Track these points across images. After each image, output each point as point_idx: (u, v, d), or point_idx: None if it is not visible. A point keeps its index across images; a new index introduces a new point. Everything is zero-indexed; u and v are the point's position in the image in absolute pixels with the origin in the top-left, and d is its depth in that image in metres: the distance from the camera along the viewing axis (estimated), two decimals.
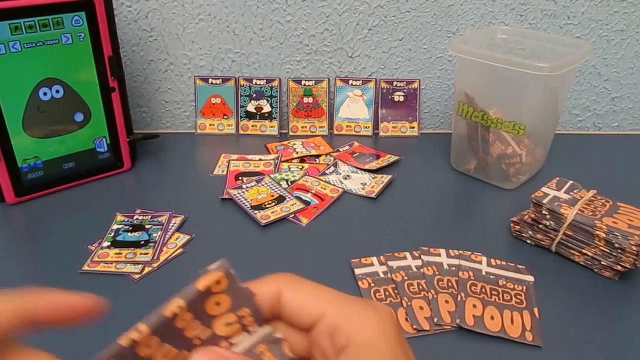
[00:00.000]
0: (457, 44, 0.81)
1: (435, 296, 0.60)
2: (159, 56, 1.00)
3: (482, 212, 0.78)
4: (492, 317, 0.58)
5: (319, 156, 0.93)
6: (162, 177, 0.87)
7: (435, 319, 0.57)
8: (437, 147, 0.95)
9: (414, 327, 0.56)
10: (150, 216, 0.75)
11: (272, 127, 1.02)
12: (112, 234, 0.72)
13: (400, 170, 0.89)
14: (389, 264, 0.65)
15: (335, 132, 1.03)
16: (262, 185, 0.83)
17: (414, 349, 0.55)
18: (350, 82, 1.03)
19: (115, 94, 0.83)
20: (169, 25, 0.98)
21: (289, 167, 0.89)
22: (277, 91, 1.02)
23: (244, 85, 1.02)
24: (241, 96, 1.02)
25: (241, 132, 1.02)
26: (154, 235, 0.71)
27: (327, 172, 0.88)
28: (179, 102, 1.05)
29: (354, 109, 1.03)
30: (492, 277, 0.63)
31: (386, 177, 0.86)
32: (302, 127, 1.03)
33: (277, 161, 0.90)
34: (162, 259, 0.67)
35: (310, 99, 1.02)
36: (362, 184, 0.85)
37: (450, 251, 0.67)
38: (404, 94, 1.03)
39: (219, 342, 0.28)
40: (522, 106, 0.79)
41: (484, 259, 0.66)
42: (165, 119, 1.07)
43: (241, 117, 1.02)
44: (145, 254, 0.68)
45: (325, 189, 0.83)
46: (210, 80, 1.02)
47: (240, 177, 0.86)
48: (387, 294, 0.61)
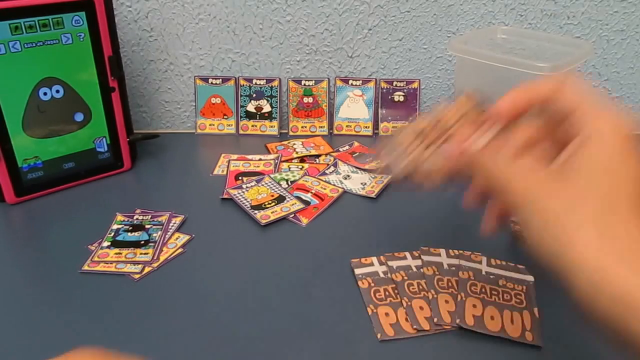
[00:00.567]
0: (456, 44, 0.81)
1: (435, 296, 0.60)
2: (159, 56, 1.00)
3: (482, 212, 0.78)
4: (492, 317, 0.58)
5: (319, 156, 0.93)
6: (162, 177, 0.87)
7: (435, 319, 0.57)
8: None
9: (414, 327, 0.56)
10: (150, 216, 0.75)
11: (272, 127, 1.02)
12: (112, 234, 0.72)
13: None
14: (389, 264, 0.65)
15: (335, 132, 1.03)
16: (262, 185, 0.83)
17: (414, 349, 0.55)
18: (350, 82, 1.03)
19: (115, 94, 0.84)
20: (169, 25, 0.98)
21: (289, 167, 0.89)
22: (277, 91, 1.02)
23: (244, 85, 1.02)
24: (241, 96, 1.02)
25: (241, 132, 1.02)
26: (154, 235, 0.71)
27: (327, 172, 0.88)
28: (179, 102, 1.05)
29: (354, 109, 1.03)
30: (492, 277, 0.63)
31: (386, 177, 0.86)
32: (302, 127, 1.03)
33: (277, 161, 0.90)
34: (162, 259, 0.67)
35: (310, 99, 1.02)
36: (362, 184, 0.85)
37: (450, 251, 0.67)
38: (404, 94, 1.03)
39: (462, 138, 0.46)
40: None
41: (484, 259, 0.66)
42: (165, 119, 1.07)
43: (241, 117, 1.02)
44: (145, 254, 0.68)
45: (325, 189, 0.83)
46: (210, 80, 1.02)
47: (240, 177, 0.86)
48: (387, 294, 0.61)
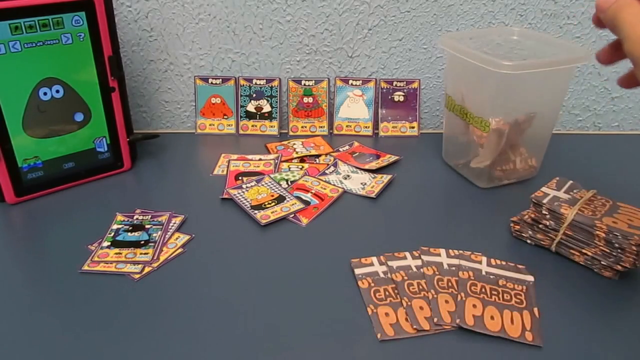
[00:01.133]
0: (445, 39, 0.83)
1: (435, 296, 0.60)
2: (159, 56, 1.00)
3: (482, 212, 0.78)
4: (492, 317, 0.58)
5: (319, 156, 0.93)
6: (162, 177, 0.87)
7: (435, 319, 0.57)
8: (437, 147, 0.95)
9: (414, 327, 0.56)
10: (150, 216, 0.75)
11: (272, 127, 1.02)
12: (112, 234, 0.72)
13: (400, 170, 0.89)
14: (389, 264, 0.65)
15: (335, 132, 1.03)
16: (262, 185, 0.83)
17: (414, 349, 0.56)
18: (350, 82, 1.03)
19: (115, 94, 0.84)
20: (169, 25, 0.98)
21: (289, 167, 0.89)
22: (277, 91, 1.02)
23: (244, 85, 1.02)
24: (241, 96, 1.02)
25: (241, 132, 1.02)
26: (154, 235, 0.71)
27: (327, 172, 0.88)
28: (179, 102, 1.05)
29: (354, 109, 1.03)
30: (492, 277, 0.63)
31: (386, 177, 0.86)
32: (302, 127, 1.03)
33: (277, 161, 0.90)
34: (162, 259, 0.67)
35: (310, 99, 1.02)
36: (362, 184, 0.85)
37: (450, 251, 0.68)
38: (404, 94, 1.03)
39: None
40: (486, 102, 0.79)
41: (484, 259, 0.66)
42: (165, 119, 1.07)
43: (241, 117, 1.02)
44: (145, 254, 0.68)
45: (325, 189, 0.83)
46: (210, 80, 1.02)
47: (240, 177, 0.86)
48: (387, 294, 0.61)
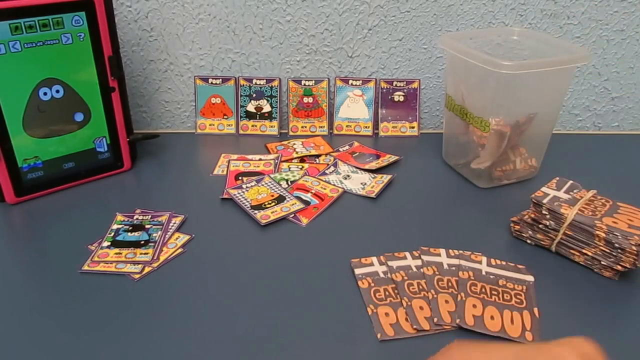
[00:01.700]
0: (445, 39, 0.83)
1: (435, 296, 0.60)
2: (159, 56, 1.00)
3: (482, 212, 0.78)
4: (492, 317, 0.58)
5: (319, 156, 0.93)
6: (162, 177, 0.87)
7: (435, 319, 0.57)
8: (437, 147, 0.95)
9: (414, 327, 0.56)
10: (150, 216, 0.75)
11: (272, 127, 1.02)
12: (112, 234, 0.72)
13: (400, 170, 0.89)
14: (389, 264, 0.65)
15: (335, 132, 1.03)
16: (262, 185, 0.83)
17: (414, 349, 0.55)
18: (350, 82, 1.03)
19: (115, 94, 0.84)
20: (169, 25, 0.98)
21: (289, 167, 0.89)
22: (277, 91, 1.02)
23: (244, 85, 1.02)
24: (241, 96, 1.02)
25: (241, 132, 1.02)
26: (154, 235, 0.71)
27: (327, 172, 0.88)
28: (179, 102, 1.05)
29: (354, 109, 1.03)
30: (492, 277, 0.63)
31: (386, 177, 0.86)
32: (302, 127, 1.03)
33: (277, 161, 0.90)
34: (162, 259, 0.67)
35: (310, 99, 1.02)
36: (362, 184, 0.85)
37: (450, 251, 0.67)
38: (404, 94, 1.03)
39: None
40: (486, 102, 0.79)
41: (484, 259, 0.66)
42: (165, 119, 1.07)
43: (241, 117, 1.02)
44: (145, 254, 0.68)
45: (325, 189, 0.83)
46: (210, 80, 1.02)
47: (240, 177, 0.86)
48: (387, 294, 0.61)
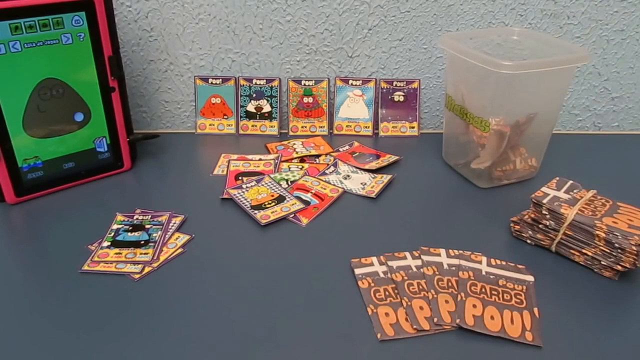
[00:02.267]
0: (445, 39, 0.83)
1: (435, 296, 0.60)
2: (159, 56, 1.00)
3: (482, 212, 0.78)
4: (492, 317, 0.58)
5: (319, 156, 0.93)
6: (162, 177, 0.87)
7: (435, 319, 0.57)
8: (437, 147, 0.95)
9: (414, 327, 0.56)
10: (150, 216, 0.75)
11: (272, 127, 1.02)
12: (112, 234, 0.72)
13: (400, 170, 0.89)
14: (389, 264, 0.65)
15: (335, 132, 1.03)
16: (262, 185, 0.83)
17: (414, 349, 0.56)
18: (350, 82, 1.03)
19: (115, 94, 0.84)
20: (169, 25, 0.98)
21: (289, 167, 0.89)
22: (277, 91, 1.02)
23: (244, 85, 1.02)
24: (241, 96, 1.02)
25: (241, 132, 1.02)
26: (154, 235, 0.71)
27: (327, 172, 0.88)
28: (179, 102, 1.05)
29: (354, 109, 1.03)
30: (492, 277, 0.63)
31: (386, 177, 0.86)
32: (302, 127, 1.03)
33: (277, 161, 0.90)
34: (162, 259, 0.67)
35: (310, 99, 1.02)
36: (362, 184, 0.85)
37: (450, 251, 0.67)
38: (404, 94, 1.03)
39: None
40: (486, 102, 0.79)
41: (484, 259, 0.66)
42: (165, 119, 1.07)
43: (241, 117, 1.02)
44: (145, 254, 0.68)
45: (325, 189, 0.83)
46: (210, 80, 1.02)
47: (240, 177, 0.86)
48: (387, 294, 0.61)
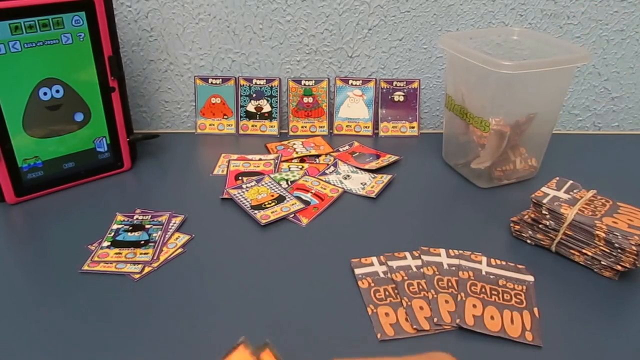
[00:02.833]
0: (445, 38, 0.83)
1: (435, 296, 0.60)
2: (159, 56, 1.00)
3: (482, 212, 0.78)
4: (492, 317, 0.58)
5: (319, 156, 0.93)
6: (162, 177, 0.87)
7: (435, 319, 0.57)
8: (437, 147, 0.95)
9: (414, 327, 0.56)
10: (150, 216, 0.75)
11: (272, 127, 1.02)
12: (112, 233, 0.72)
13: (400, 170, 0.89)
14: (389, 264, 0.65)
15: (335, 132, 1.03)
16: (262, 185, 0.83)
17: (414, 349, 0.55)
18: (350, 82, 1.03)
19: (115, 94, 0.84)
20: (169, 25, 0.98)
21: (289, 167, 0.89)
22: (277, 91, 1.02)
23: (244, 85, 1.02)
24: (241, 96, 1.02)
25: (241, 132, 1.02)
26: (154, 235, 0.71)
27: (327, 172, 0.88)
28: (179, 102, 1.05)
29: (354, 109, 1.03)
30: (492, 277, 0.63)
31: (386, 177, 0.86)
32: (302, 127, 1.03)
33: (277, 161, 0.90)
34: (162, 259, 0.67)
35: (310, 99, 1.02)
36: (362, 184, 0.85)
37: (450, 251, 0.67)
38: (404, 94, 1.03)
39: None
40: (486, 102, 0.78)
41: (484, 259, 0.66)
42: (165, 119, 1.07)
43: (241, 117, 1.02)
44: (145, 254, 0.68)
45: (325, 189, 0.83)
46: (210, 80, 1.02)
47: (240, 177, 0.86)
48: (387, 294, 0.61)
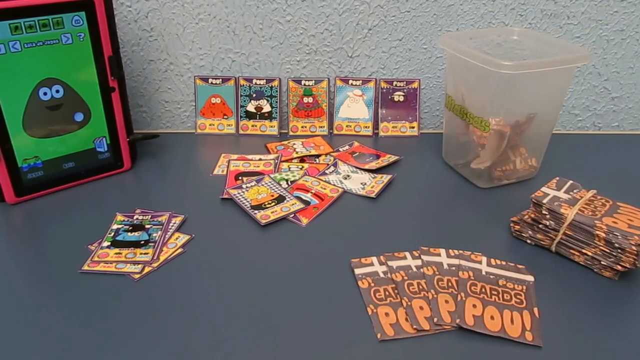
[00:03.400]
0: (445, 38, 0.83)
1: (435, 296, 0.60)
2: (159, 56, 1.00)
3: (482, 212, 0.78)
4: (492, 317, 0.58)
5: (319, 156, 0.93)
6: (162, 177, 0.87)
7: (435, 319, 0.57)
8: (437, 147, 0.95)
9: (414, 327, 0.56)
10: (150, 216, 0.75)
11: (272, 127, 1.02)
12: (112, 233, 0.72)
13: (400, 170, 0.89)
14: (389, 264, 0.65)
15: (335, 132, 1.03)
16: (262, 185, 0.83)
17: (414, 349, 0.56)
18: (350, 82, 1.03)
19: (115, 94, 0.84)
20: (169, 25, 0.98)
21: (289, 167, 0.89)
22: (277, 91, 1.02)
23: (244, 85, 1.02)
24: (241, 96, 1.02)
25: (241, 132, 1.02)
26: (154, 235, 0.71)
27: (327, 172, 0.88)
28: (179, 102, 1.05)
29: (354, 109, 1.03)
30: (492, 277, 0.63)
31: (386, 177, 0.86)
32: (302, 127, 1.03)
33: (277, 161, 0.90)
34: (162, 259, 0.67)
35: (310, 99, 1.02)
36: (362, 184, 0.85)
37: (450, 251, 0.67)
38: (404, 94, 1.03)
39: None
40: (486, 102, 0.78)
41: (484, 259, 0.66)
42: (165, 119, 1.07)
43: (241, 117, 1.02)
44: (145, 253, 0.68)
45: (325, 189, 0.83)
46: (210, 80, 1.02)
47: (240, 177, 0.86)
48: (387, 293, 0.61)
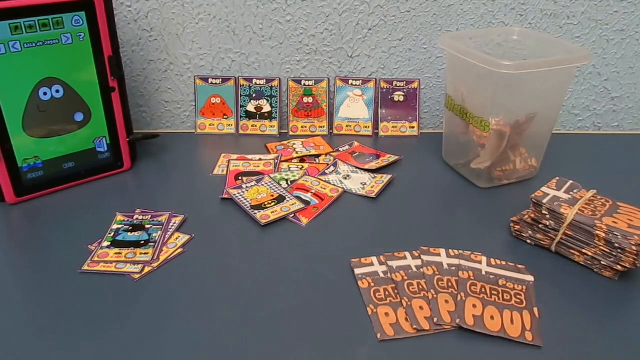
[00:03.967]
0: (445, 38, 0.82)
1: (435, 296, 0.60)
2: (159, 56, 1.00)
3: (482, 212, 0.78)
4: (492, 317, 0.58)
5: (319, 156, 0.93)
6: (162, 177, 0.87)
7: (435, 319, 0.57)
8: (437, 147, 0.95)
9: (414, 327, 0.56)
10: (150, 216, 0.75)
11: (272, 127, 1.02)
12: (112, 234, 0.72)
13: (400, 170, 0.89)
14: (389, 264, 0.65)
15: (335, 132, 1.03)
16: (262, 185, 0.83)
17: (414, 349, 0.56)
18: (350, 82, 1.03)
19: (115, 94, 0.84)
20: (169, 25, 0.98)
21: (289, 167, 0.89)
22: (277, 91, 1.02)
23: (244, 85, 1.02)
24: (241, 96, 1.02)
25: (241, 132, 1.02)
26: (154, 235, 0.71)
27: (327, 172, 0.88)
28: (179, 102, 1.05)
29: (354, 109, 1.03)
30: (492, 277, 0.63)
31: (386, 177, 0.86)
32: (302, 127, 1.03)
33: (277, 161, 0.90)
34: (162, 259, 0.67)
35: (310, 99, 1.02)
36: (362, 184, 0.85)
37: (450, 251, 0.68)
38: (403, 94, 1.03)
39: None
40: (486, 102, 0.78)
41: (484, 259, 0.66)
42: (165, 119, 1.07)
43: (241, 117, 1.02)
44: (145, 253, 0.68)
45: (325, 189, 0.83)
46: (210, 80, 1.02)
47: (240, 177, 0.86)
48: (387, 293, 0.61)
